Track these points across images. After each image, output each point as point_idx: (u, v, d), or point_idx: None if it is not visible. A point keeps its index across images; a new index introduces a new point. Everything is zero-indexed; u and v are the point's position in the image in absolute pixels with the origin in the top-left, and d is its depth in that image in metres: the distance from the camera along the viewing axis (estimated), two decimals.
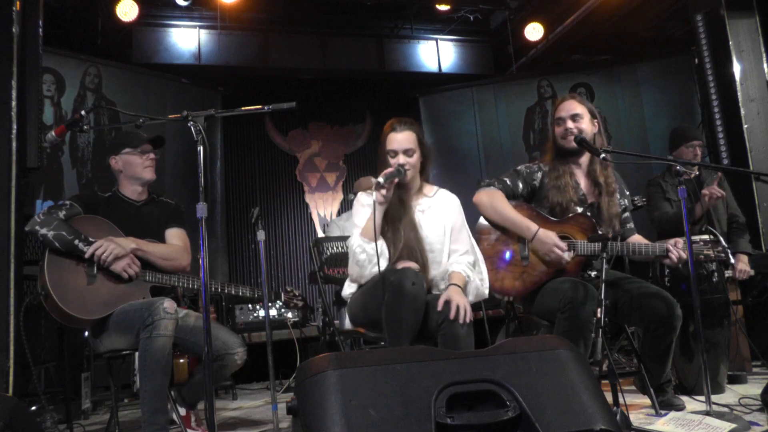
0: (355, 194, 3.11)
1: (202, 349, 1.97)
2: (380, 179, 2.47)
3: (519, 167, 2.93)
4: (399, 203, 2.60)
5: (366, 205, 2.61)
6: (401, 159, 2.60)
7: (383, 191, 2.49)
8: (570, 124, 2.82)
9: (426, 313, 2.38)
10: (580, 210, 2.79)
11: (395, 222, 2.58)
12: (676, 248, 2.63)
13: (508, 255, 2.78)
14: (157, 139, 2.94)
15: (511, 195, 2.84)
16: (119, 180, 2.93)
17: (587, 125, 2.83)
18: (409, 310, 2.29)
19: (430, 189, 2.75)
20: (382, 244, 2.51)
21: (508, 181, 2.86)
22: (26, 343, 2.80)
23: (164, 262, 2.78)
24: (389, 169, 2.52)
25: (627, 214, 2.94)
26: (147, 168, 2.89)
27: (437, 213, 2.67)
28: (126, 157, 2.87)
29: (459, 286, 2.46)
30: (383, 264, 2.46)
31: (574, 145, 2.78)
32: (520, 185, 2.86)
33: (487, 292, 2.64)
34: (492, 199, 2.80)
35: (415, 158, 2.64)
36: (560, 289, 2.58)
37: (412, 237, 2.57)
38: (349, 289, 2.68)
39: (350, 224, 2.70)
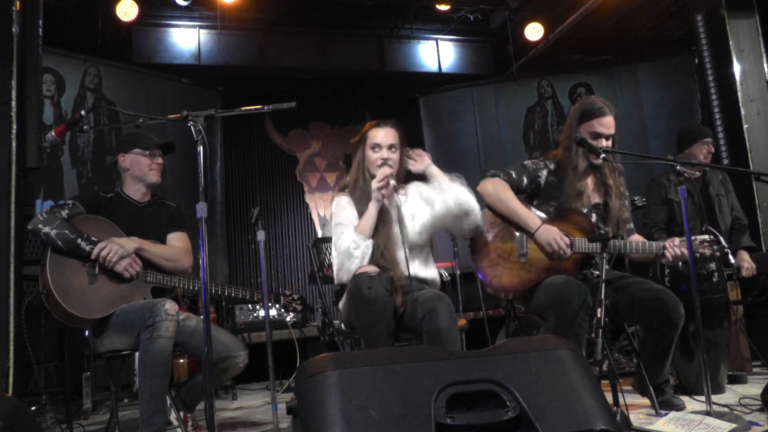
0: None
1: (203, 351, 1.97)
2: (392, 182, 2.51)
3: (526, 162, 2.90)
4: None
5: (346, 205, 2.65)
6: (385, 153, 2.62)
7: (384, 191, 2.52)
8: (605, 143, 2.75)
9: (406, 310, 2.42)
10: (585, 210, 2.78)
11: (378, 223, 2.59)
12: (673, 246, 2.63)
13: (505, 252, 2.77)
14: (168, 145, 2.95)
15: (515, 188, 2.81)
16: (124, 178, 2.93)
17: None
18: (371, 314, 2.31)
19: (401, 187, 2.77)
20: (371, 243, 2.53)
21: (513, 174, 2.84)
22: (28, 342, 2.80)
23: (167, 263, 2.78)
24: (386, 170, 2.54)
25: (627, 214, 2.93)
26: (153, 171, 2.88)
27: (411, 208, 2.68)
28: (134, 157, 2.87)
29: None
30: (366, 262, 2.50)
31: (600, 162, 2.76)
32: (525, 180, 2.84)
33: (471, 198, 2.62)
34: (498, 188, 2.78)
35: (397, 156, 2.67)
36: (552, 285, 2.58)
37: (392, 237, 2.57)
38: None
39: (332, 223, 2.70)
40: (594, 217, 2.80)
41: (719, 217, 3.75)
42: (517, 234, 2.76)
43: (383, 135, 2.65)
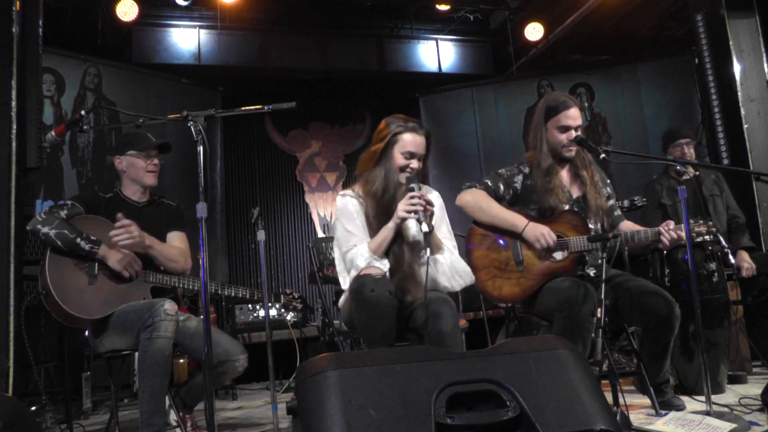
0: None
1: (203, 353, 1.97)
2: (423, 225, 2.29)
3: (500, 170, 2.90)
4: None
5: (354, 212, 2.52)
6: (415, 164, 2.51)
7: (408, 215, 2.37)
8: (573, 134, 2.76)
9: (412, 312, 2.40)
10: (567, 207, 2.77)
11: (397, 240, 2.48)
12: (668, 230, 2.61)
13: (502, 263, 2.76)
14: (163, 146, 2.92)
15: (493, 197, 2.81)
16: (122, 180, 2.93)
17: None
18: (373, 317, 2.27)
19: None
20: (388, 264, 2.44)
21: (489, 183, 2.84)
22: (27, 342, 2.80)
23: (170, 263, 2.78)
24: (417, 204, 2.33)
25: (612, 201, 2.91)
26: (149, 173, 2.86)
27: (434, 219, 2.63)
28: (130, 159, 2.86)
29: None
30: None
31: (572, 154, 2.77)
32: (502, 187, 2.84)
33: (468, 270, 2.58)
34: (477, 198, 2.78)
35: (421, 164, 2.56)
36: (559, 288, 2.58)
37: (407, 248, 2.48)
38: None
39: (338, 226, 2.59)
40: None
41: (714, 217, 3.76)
42: (512, 242, 2.75)
43: (419, 143, 2.50)
